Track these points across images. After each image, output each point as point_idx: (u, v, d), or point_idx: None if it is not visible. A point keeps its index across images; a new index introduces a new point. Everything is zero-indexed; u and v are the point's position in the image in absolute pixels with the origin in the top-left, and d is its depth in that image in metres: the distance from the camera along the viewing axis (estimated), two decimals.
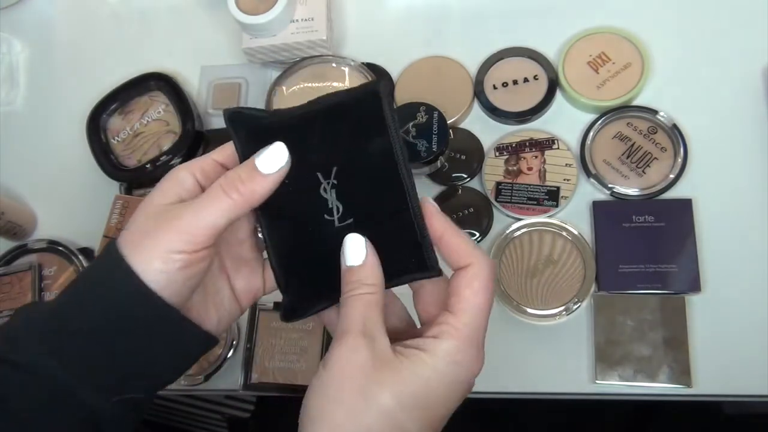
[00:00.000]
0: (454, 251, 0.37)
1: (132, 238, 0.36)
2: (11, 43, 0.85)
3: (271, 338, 0.68)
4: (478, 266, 0.36)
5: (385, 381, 0.33)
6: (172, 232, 0.35)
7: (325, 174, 0.39)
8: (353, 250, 0.37)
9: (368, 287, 0.36)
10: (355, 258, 0.37)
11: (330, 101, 0.39)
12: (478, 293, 0.36)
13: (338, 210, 0.39)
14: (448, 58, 0.73)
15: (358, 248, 0.37)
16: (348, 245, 0.37)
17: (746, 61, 0.68)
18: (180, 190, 0.38)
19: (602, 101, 0.67)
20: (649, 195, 0.64)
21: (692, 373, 0.60)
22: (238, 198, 0.36)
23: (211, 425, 1.30)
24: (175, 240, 0.35)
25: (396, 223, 0.38)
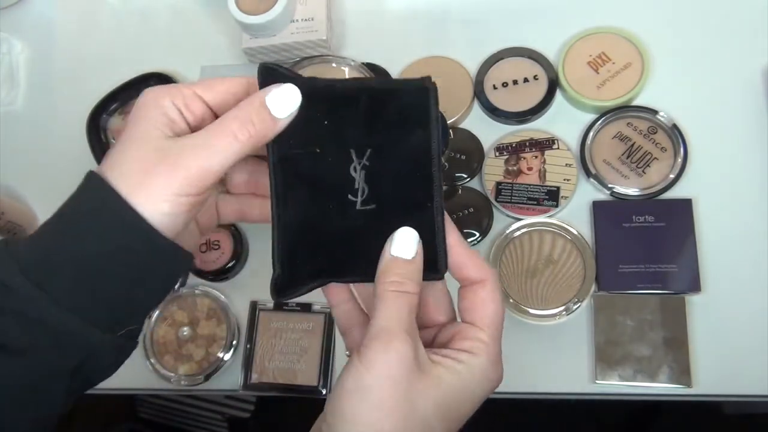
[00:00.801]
0: (469, 265, 0.37)
1: (131, 175, 0.34)
2: (11, 43, 0.85)
3: (271, 338, 0.68)
4: (494, 282, 0.37)
5: (427, 390, 0.33)
6: (181, 174, 0.34)
7: (359, 153, 0.37)
8: (406, 242, 0.36)
9: (413, 286, 0.35)
10: (406, 251, 0.35)
11: (379, 84, 0.39)
12: (499, 309, 0.36)
13: (363, 192, 0.37)
14: (448, 58, 0.73)
15: (411, 242, 0.36)
16: (401, 236, 0.36)
17: (746, 61, 0.68)
18: (168, 122, 0.35)
19: (602, 101, 0.67)
20: (649, 195, 0.64)
21: (692, 373, 0.60)
22: (246, 140, 0.35)
23: (211, 425, 1.30)
24: (184, 183, 0.34)
25: (417, 219, 0.37)
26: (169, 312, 0.70)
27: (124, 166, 0.35)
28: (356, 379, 0.33)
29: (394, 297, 0.34)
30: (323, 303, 0.68)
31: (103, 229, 0.34)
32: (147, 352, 0.69)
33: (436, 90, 0.38)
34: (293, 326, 0.68)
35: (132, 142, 0.35)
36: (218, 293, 0.70)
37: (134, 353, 0.72)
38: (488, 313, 0.36)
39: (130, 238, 0.34)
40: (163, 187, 0.34)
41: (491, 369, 0.35)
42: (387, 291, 0.35)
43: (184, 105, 0.36)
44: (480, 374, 0.35)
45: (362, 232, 0.38)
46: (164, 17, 0.84)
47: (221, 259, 0.70)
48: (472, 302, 0.37)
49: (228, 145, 0.35)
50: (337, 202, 0.38)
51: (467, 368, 0.34)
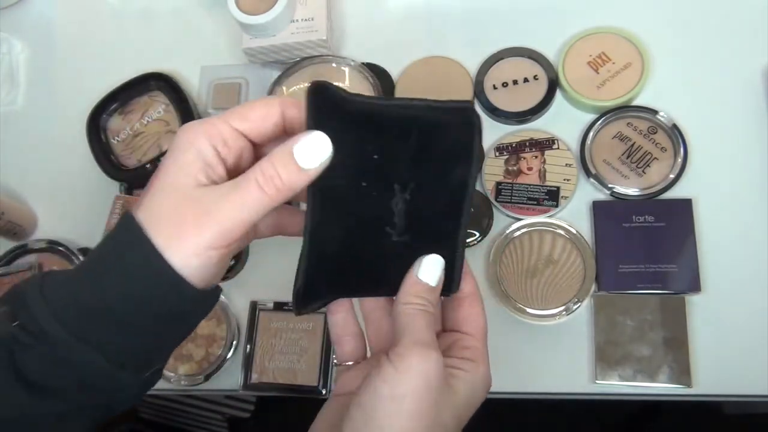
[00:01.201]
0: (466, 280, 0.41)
1: (166, 228, 0.34)
2: (11, 43, 0.85)
3: (271, 338, 0.68)
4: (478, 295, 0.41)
5: (449, 399, 0.36)
6: (212, 227, 0.34)
7: (403, 188, 0.38)
8: (433, 269, 0.38)
9: (434, 308, 0.38)
10: (431, 278, 0.38)
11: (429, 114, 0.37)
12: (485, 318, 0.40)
13: (401, 225, 0.38)
14: (448, 58, 0.73)
15: (437, 270, 0.39)
16: (430, 263, 0.38)
17: (746, 61, 0.68)
18: (204, 166, 0.35)
19: (602, 101, 0.67)
20: (649, 195, 0.64)
21: (692, 373, 0.60)
22: (274, 194, 0.34)
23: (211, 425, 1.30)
24: (214, 237, 0.34)
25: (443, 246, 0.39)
26: None
27: (158, 214, 0.35)
28: (392, 385, 0.34)
29: (423, 314, 0.37)
30: None
31: (136, 278, 0.34)
32: None
33: (480, 122, 0.38)
34: (293, 326, 0.68)
35: (166, 189, 0.35)
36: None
37: None
38: (482, 324, 0.40)
39: (161, 289, 0.34)
40: (194, 241, 0.34)
41: (488, 374, 0.39)
42: (416, 309, 0.37)
43: (221, 142, 0.36)
44: (482, 379, 0.38)
45: (393, 260, 0.39)
46: (164, 17, 0.84)
47: None
48: (470, 314, 0.40)
49: (257, 199, 0.34)
50: (374, 232, 0.38)
51: (472, 375, 0.37)
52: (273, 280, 0.71)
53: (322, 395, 0.66)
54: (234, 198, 0.34)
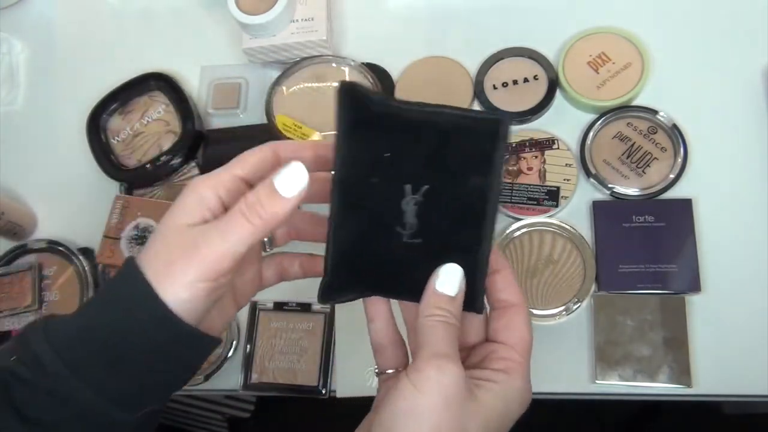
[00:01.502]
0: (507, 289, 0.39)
1: (158, 265, 0.36)
2: (11, 43, 0.85)
3: (271, 338, 0.68)
4: (524, 306, 0.39)
5: (473, 412, 0.35)
6: (198, 262, 0.35)
7: (415, 189, 0.38)
8: (452, 280, 0.37)
9: (456, 319, 0.37)
10: (451, 288, 0.37)
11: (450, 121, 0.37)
12: (530, 332, 0.39)
13: (411, 227, 0.38)
14: (448, 58, 0.73)
15: (457, 280, 0.38)
16: (448, 273, 0.38)
17: (746, 61, 0.68)
18: (204, 210, 0.37)
19: (602, 101, 0.67)
20: (649, 195, 0.64)
21: (692, 373, 0.60)
22: (259, 223, 0.36)
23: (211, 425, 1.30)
24: (201, 270, 0.35)
25: (462, 259, 0.38)
26: None
27: (154, 252, 0.36)
28: (410, 402, 0.34)
29: (443, 325, 0.36)
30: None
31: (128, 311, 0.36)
32: None
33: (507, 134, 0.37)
34: (293, 326, 0.68)
35: (163, 231, 0.37)
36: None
37: None
38: (524, 335, 0.38)
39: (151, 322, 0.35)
40: (182, 275, 0.35)
41: (525, 388, 0.37)
42: (437, 318, 0.36)
43: (223, 187, 0.37)
44: (516, 393, 0.37)
45: (406, 262, 0.39)
46: (164, 17, 0.84)
47: None
48: (510, 323, 0.39)
49: (240, 228, 0.35)
50: (385, 231, 0.39)
51: (504, 389, 0.36)
52: None
53: (322, 395, 0.66)
54: (219, 228, 0.36)
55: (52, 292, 0.72)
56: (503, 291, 0.39)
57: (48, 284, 0.72)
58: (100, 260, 0.70)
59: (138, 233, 0.69)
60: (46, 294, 0.72)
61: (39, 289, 0.71)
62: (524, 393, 0.37)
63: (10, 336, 0.70)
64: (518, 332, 0.38)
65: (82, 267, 0.72)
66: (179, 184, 0.75)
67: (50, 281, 0.72)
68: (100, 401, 0.35)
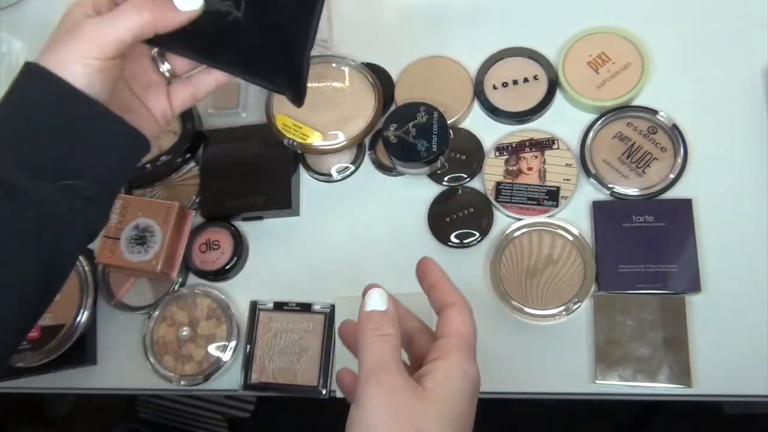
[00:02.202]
0: (444, 292, 0.41)
1: (46, 49, 0.41)
2: (11, 43, 0.85)
3: (271, 338, 0.68)
4: (463, 303, 0.41)
5: (424, 409, 0.35)
6: (85, 41, 0.41)
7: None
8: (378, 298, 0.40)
9: (391, 329, 0.39)
10: (379, 304, 0.39)
11: None
12: (466, 321, 0.40)
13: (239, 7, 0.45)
14: (448, 58, 0.73)
15: (383, 298, 0.40)
16: (373, 294, 0.40)
17: (746, 61, 0.68)
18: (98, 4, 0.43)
19: (602, 101, 0.67)
20: (649, 195, 0.64)
21: (692, 373, 0.60)
22: (148, 19, 0.41)
23: (211, 425, 1.30)
24: (87, 48, 0.40)
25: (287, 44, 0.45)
26: (169, 312, 0.70)
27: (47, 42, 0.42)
28: (359, 425, 0.35)
29: (376, 341, 0.38)
30: (323, 303, 0.68)
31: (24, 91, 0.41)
32: (147, 352, 0.69)
33: None
34: (293, 326, 0.68)
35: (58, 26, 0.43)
36: (218, 293, 0.70)
37: (134, 353, 0.72)
38: (455, 325, 0.39)
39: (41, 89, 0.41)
40: (71, 51, 0.41)
41: (464, 366, 0.38)
42: (369, 338, 0.38)
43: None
44: (456, 371, 0.37)
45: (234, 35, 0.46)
46: None
47: (221, 259, 0.70)
48: (446, 320, 0.40)
49: (129, 19, 0.41)
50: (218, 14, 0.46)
51: (445, 373, 0.37)
52: (273, 280, 0.71)
53: (322, 395, 0.66)
54: (109, 16, 0.41)
55: None
56: (441, 297, 0.41)
57: None
58: (100, 260, 0.70)
59: (138, 233, 0.69)
60: None
61: None
62: (462, 367, 0.38)
63: None
64: (453, 325, 0.39)
65: (82, 267, 0.72)
66: (179, 184, 0.75)
67: None
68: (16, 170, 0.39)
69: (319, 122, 0.70)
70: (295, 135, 0.69)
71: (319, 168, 0.72)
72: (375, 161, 0.72)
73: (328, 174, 0.72)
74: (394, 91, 0.73)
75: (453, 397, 0.37)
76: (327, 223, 0.72)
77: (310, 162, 0.73)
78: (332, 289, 0.68)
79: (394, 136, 0.65)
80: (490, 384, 0.61)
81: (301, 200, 0.73)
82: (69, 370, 0.71)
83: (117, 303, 0.72)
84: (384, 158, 0.71)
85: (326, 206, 0.72)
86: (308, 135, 0.69)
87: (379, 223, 0.70)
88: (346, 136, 0.69)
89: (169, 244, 0.69)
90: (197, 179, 0.74)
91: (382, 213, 0.71)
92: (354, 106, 0.70)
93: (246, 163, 0.73)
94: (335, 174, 0.72)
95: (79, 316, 0.70)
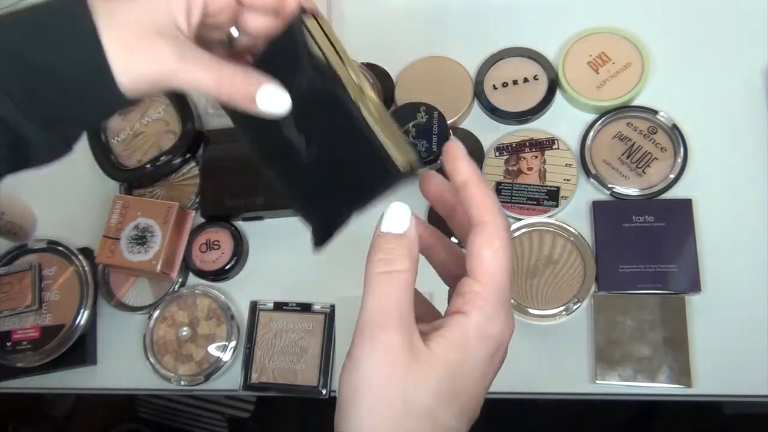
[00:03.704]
0: (474, 203, 0.32)
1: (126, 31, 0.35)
2: None
3: (271, 338, 0.68)
4: (494, 224, 0.32)
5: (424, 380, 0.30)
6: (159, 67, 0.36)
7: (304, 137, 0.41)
8: (397, 216, 0.32)
9: (405, 262, 0.31)
10: (398, 225, 0.32)
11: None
12: (498, 254, 0.31)
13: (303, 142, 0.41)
14: (448, 58, 0.73)
15: (403, 215, 0.32)
16: (392, 210, 0.33)
17: (746, 61, 0.68)
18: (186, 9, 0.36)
19: (602, 101, 0.67)
20: (649, 195, 0.64)
21: (692, 373, 0.60)
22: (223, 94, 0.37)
23: (211, 425, 1.30)
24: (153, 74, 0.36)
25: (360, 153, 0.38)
26: (169, 312, 0.70)
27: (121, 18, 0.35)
28: (347, 383, 0.30)
29: (380, 280, 0.31)
30: (323, 303, 0.68)
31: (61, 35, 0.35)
32: (147, 352, 0.69)
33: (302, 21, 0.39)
34: (293, 326, 0.68)
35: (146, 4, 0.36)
36: (218, 293, 0.70)
37: (134, 353, 0.72)
38: (485, 260, 0.31)
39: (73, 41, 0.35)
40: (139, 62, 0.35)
41: (488, 324, 0.31)
42: (373, 275, 0.31)
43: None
44: (474, 331, 0.30)
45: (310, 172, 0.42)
46: None
47: (221, 259, 0.70)
48: (472, 249, 0.32)
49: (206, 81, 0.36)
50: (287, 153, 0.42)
51: (460, 333, 0.30)
52: (273, 280, 0.71)
53: (322, 395, 0.65)
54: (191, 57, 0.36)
55: (52, 292, 0.72)
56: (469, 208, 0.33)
57: (48, 284, 0.72)
58: (100, 260, 0.70)
59: (138, 233, 0.69)
60: (46, 294, 0.72)
61: (39, 289, 0.71)
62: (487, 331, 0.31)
63: (10, 337, 0.71)
64: (477, 258, 0.31)
65: (82, 267, 0.72)
66: (179, 184, 0.75)
67: (50, 281, 0.72)
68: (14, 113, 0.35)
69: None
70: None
71: None
72: None
73: None
74: (394, 92, 0.73)
75: (461, 365, 0.30)
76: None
77: None
78: (332, 289, 0.68)
79: None
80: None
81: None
82: (69, 370, 0.71)
83: (117, 303, 0.72)
84: None
85: None
86: None
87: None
88: None
89: (169, 244, 0.69)
90: (197, 179, 0.74)
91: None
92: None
93: (246, 163, 0.72)
94: None
95: (79, 316, 0.70)
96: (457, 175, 0.34)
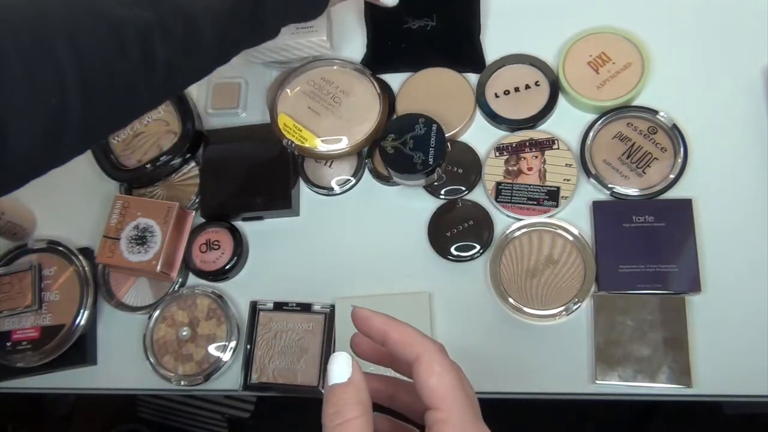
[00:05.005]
0: (400, 345, 0.33)
1: None
2: None
3: (271, 338, 0.68)
4: (426, 352, 0.32)
5: None
6: None
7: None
8: (339, 366, 0.32)
9: (354, 409, 0.31)
10: (340, 375, 0.32)
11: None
12: (442, 376, 0.32)
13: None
14: (448, 68, 0.73)
15: (344, 364, 0.32)
16: (333, 362, 0.32)
17: (746, 61, 0.68)
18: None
19: (602, 101, 0.67)
20: (649, 195, 0.64)
21: (692, 373, 0.60)
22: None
23: (211, 425, 1.30)
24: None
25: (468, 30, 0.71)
26: (169, 312, 0.70)
27: None
28: None
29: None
30: (323, 303, 0.68)
31: None
32: (147, 352, 0.69)
33: None
34: (293, 326, 0.68)
35: None
36: (218, 293, 0.70)
37: (134, 353, 0.72)
38: (433, 388, 0.31)
39: None
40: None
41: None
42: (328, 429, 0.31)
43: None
44: None
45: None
46: None
47: (221, 259, 0.70)
48: (419, 384, 0.32)
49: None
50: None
51: None
52: (273, 280, 0.71)
53: (322, 395, 0.65)
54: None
55: (52, 292, 0.72)
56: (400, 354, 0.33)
57: (48, 284, 0.72)
58: (100, 260, 0.70)
59: (138, 233, 0.69)
60: (46, 294, 0.72)
61: (39, 289, 0.71)
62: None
63: (10, 337, 0.71)
64: (427, 389, 0.31)
65: (82, 267, 0.72)
66: (179, 184, 0.75)
67: (50, 281, 0.72)
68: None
69: (317, 128, 0.69)
70: (295, 137, 0.69)
71: (320, 181, 0.72)
72: (372, 170, 0.71)
73: (329, 188, 0.72)
74: (395, 102, 0.73)
75: None
76: (327, 223, 0.72)
77: (310, 175, 0.72)
78: (332, 289, 0.68)
79: (392, 146, 0.65)
80: (490, 384, 0.61)
81: (301, 207, 0.73)
82: (69, 370, 0.71)
83: (117, 303, 0.72)
84: (381, 167, 0.70)
85: (326, 210, 0.72)
86: (307, 139, 0.69)
87: (379, 231, 0.70)
88: (349, 141, 0.69)
89: (169, 244, 0.69)
90: (197, 179, 0.74)
91: (382, 221, 0.70)
92: (358, 112, 0.70)
93: (246, 163, 0.73)
94: (336, 187, 0.72)
95: (79, 316, 0.70)
96: (374, 332, 0.35)
